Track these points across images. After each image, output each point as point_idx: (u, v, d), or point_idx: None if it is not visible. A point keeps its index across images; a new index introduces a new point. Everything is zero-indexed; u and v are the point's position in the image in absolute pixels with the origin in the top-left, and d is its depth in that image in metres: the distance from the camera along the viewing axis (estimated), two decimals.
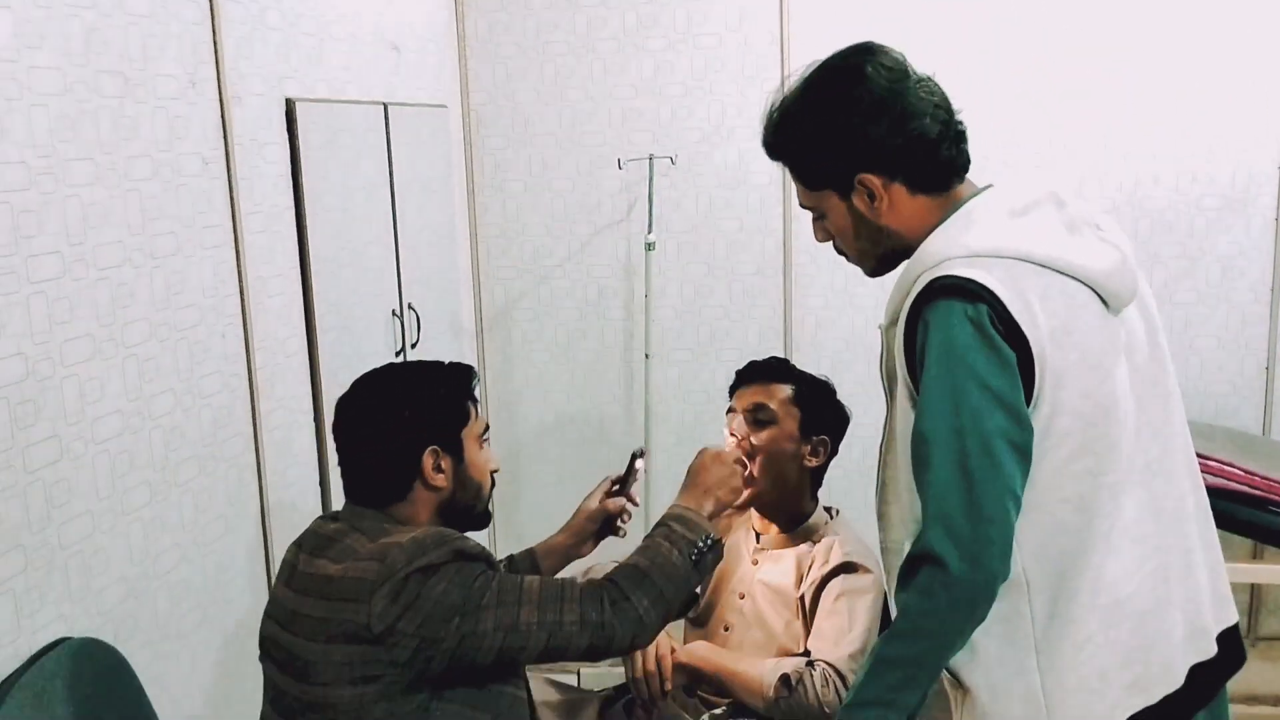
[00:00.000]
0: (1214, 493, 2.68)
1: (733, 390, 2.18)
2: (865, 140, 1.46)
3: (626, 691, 2.07)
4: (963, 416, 1.31)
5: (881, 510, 1.51)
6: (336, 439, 1.65)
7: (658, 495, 3.57)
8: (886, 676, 1.37)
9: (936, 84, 1.54)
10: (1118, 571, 1.40)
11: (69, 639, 1.73)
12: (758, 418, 2.08)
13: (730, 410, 2.13)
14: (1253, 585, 3.37)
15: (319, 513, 2.62)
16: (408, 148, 3.05)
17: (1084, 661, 1.40)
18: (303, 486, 2.55)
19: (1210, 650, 1.49)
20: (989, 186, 1.51)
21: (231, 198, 2.23)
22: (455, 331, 3.50)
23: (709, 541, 1.63)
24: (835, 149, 1.49)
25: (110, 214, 1.87)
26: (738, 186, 3.51)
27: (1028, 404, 1.34)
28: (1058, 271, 1.38)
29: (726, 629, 2.09)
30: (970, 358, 1.32)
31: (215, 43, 2.17)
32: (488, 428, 1.73)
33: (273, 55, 2.40)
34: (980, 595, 1.32)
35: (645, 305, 3.51)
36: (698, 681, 1.96)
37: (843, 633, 1.88)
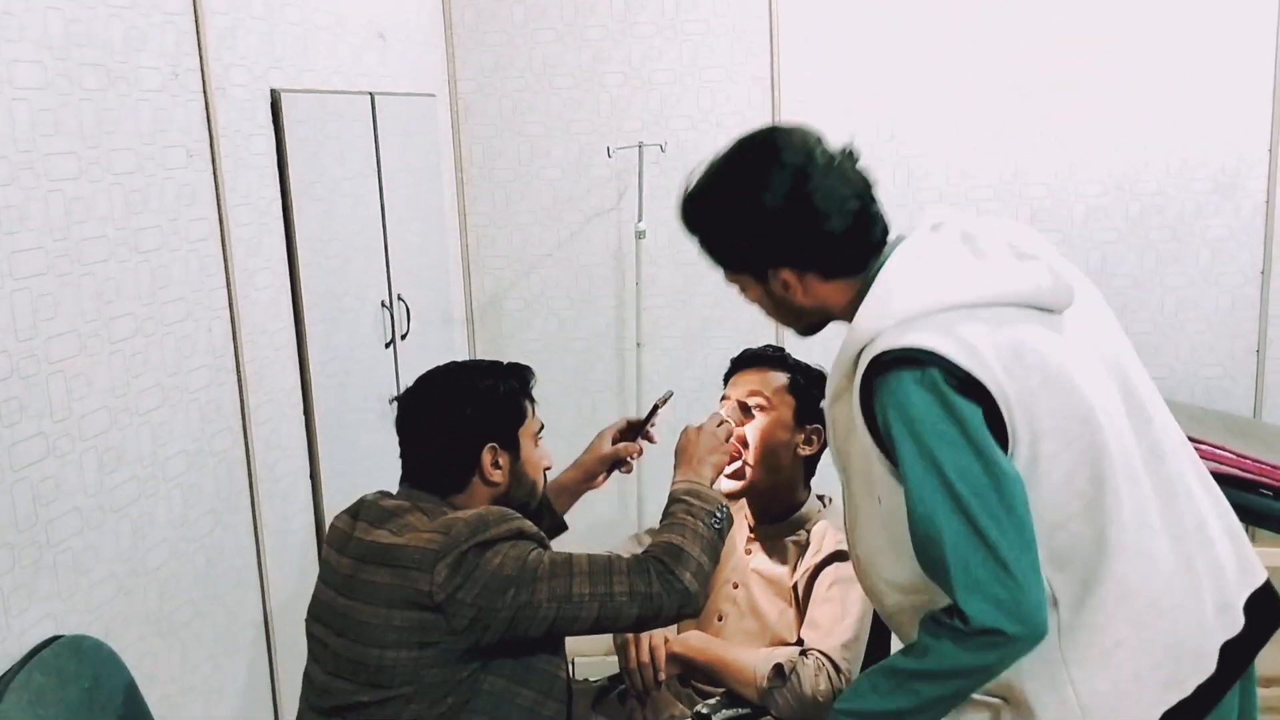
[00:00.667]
0: None
1: (727, 378, 2.18)
2: (774, 243, 1.46)
3: (620, 681, 2.07)
4: (953, 485, 1.30)
5: (867, 585, 1.53)
6: (401, 430, 1.73)
7: (651, 482, 3.57)
8: (912, 707, 1.38)
9: (851, 162, 1.49)
10: (1144, 572, 1.39)
11: (62, 636, 1.72)
12: (752, 405, 2.07)
13: (724, 398, 2.13)
14: None
15: (309, 507, 2.61)
16: (395, 138, 3.03)
17: (1116, 666, 1.39)
18: (292, 480, 2.54)
19: (1238, 624, 1.47)
20: (899, 240, 1.49)
21: (217, 190, 2.21)
22: (445, 321, 3.49)
23: (724, 510, 1.73)
24: (745, 247, 1.50)
25: (94, 208, 1.85)
26: None
27: (1005, 443, 1.33)
28: (988, 305, 1.36)
29: (720, 618, 2.08)
30: (937, 425, 1.31)
31: (198, 34, 2.15)
32: (543, 426, 1.79)
33: (257, 46, 2.38)
34: (1035, 644, 1.32)
35: (636, 294, 3.50)
36: (691, 671, 1.96)
37: (836, 621, 1.88)
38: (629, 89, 3.49)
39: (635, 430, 2.08)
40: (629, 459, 2.06)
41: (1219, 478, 2.66)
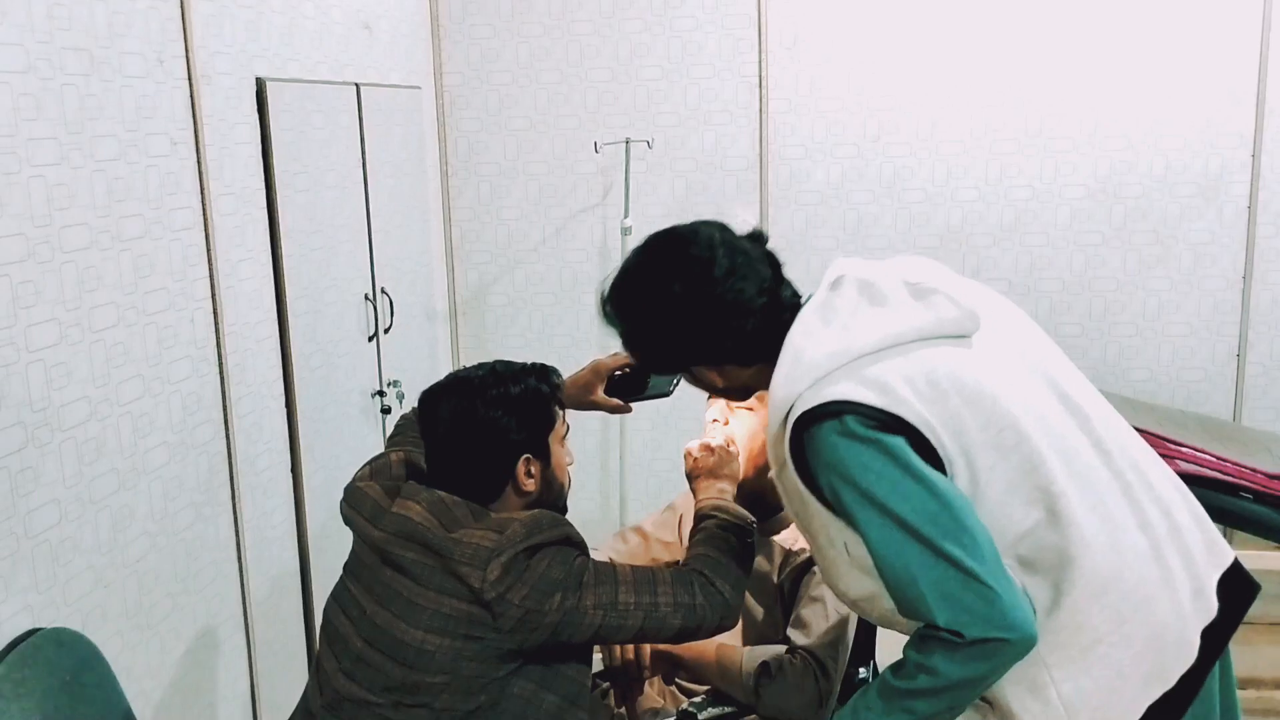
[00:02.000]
0: (1185, 478, 2.70)
1: None
2: (686, 347, 1.51)
3: (605, 679, 2.06)
4: (904, 519, 1.32)
5: (874, 618, 1.52)
6: (429, 438, 1.67)
7: (631, 481, 3.56)
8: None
9: (759, 247, 1.52)
10: (1115, 566, 1.39)
11: (41, 629, 1.69)
12: (738, 405, 2.07)
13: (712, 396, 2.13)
14: None
15: (291, 500, 2.59)
16: (380, 129, 3.01)
17: (1097, 663, 1.40)
18: (274, 474, 2.51)
19: (1213, 609, 1.47)
20: (803, 301, 1.51)
21: (201, 179, 2.19)
22: (429, 316, 3.46)
23: (752, 524, 1.74)
24: (661, 351, 1.55)
25: (75, 195, 1.82)
26: (714, 171, 3.49)
27: (942, 467, 1.36)
28: (891, 347, 1.39)
29: None
30: (870, 467, 1.34)
31: (183, 20, 2.12)
32: (569, 428, 1.76)
33: (242, 33, 2.35)
34: (1028, 646, 1.33)
35: None
36: (676, 669, 1.95)
37: (822, 621, 1.88)
38: (616, 84, 3.48)
39: (626, 390, 2.00)
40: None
41: (1200, 480, 2.70)
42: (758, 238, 1.53)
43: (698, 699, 1.89)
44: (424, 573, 1.54)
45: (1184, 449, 2.73)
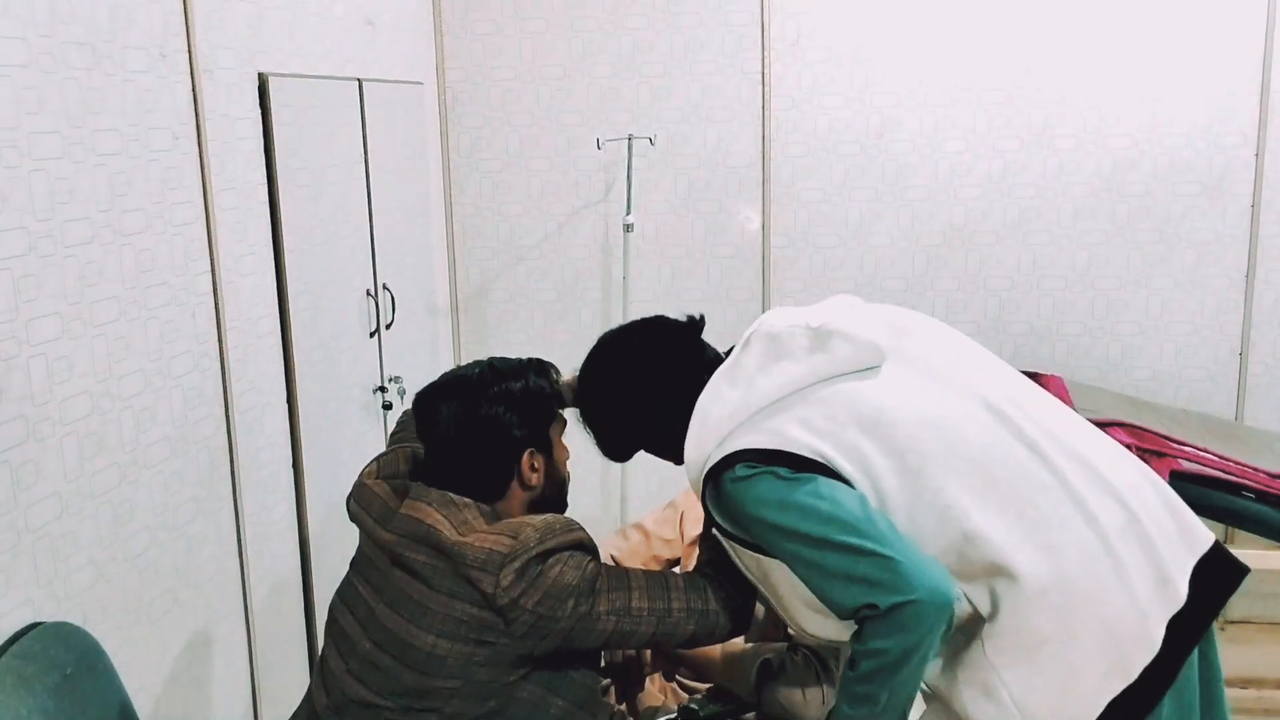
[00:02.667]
0: (1187, 477, 2.71)
1: None
2: (633, 440, 1.69)
3: (605, 675, 2.06)
4: (802, 530, 1.39)
5: (790, 617, 1.59)
6: (428, 438, 1.66)
7: (633, 478, 3.56)
8: (879, 709, 1.40)
9: (691, 337, 1.67)
10: (1053, 566, 1.41)
11: (42, 623, 1.69)
12: None
13: None
14: None
15: (292, 496, 2.59)
16: (382, 125, 3.00)
17: (1046, 663, 1.41)
18: (275, 469, 2.51)
19: (1180, 597, 1.46)
20: (715, 363, 1.60)
21: (203, 174, 2.18)
22: (430, 312, 3.46)
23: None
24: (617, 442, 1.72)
25: (77, 189, 1.82)
26: (716, 168, 3.49)
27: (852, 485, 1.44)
28: (790, 394, 1.48)
29: None
30: (761, 498, 1.43)
31: (186, 15, 2.12)
32: (565, 422, 1.76)
33: (245, 28, 2.35)
34: (944, 604, 1.35)
35: (623, 287, 3.48)
36: (678, 666, 1.95)
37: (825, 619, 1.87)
38: (619, 81, 3.47)
39: None
40: None
41: (1202, 479, 2.70)
42: (698, 323, 1.68)
43: (699, 696, 1.89)
44: (435, 576, 1.52)
45: (1186, 448, 2.73)
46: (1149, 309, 3.41)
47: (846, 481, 1.43)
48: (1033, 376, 2.95)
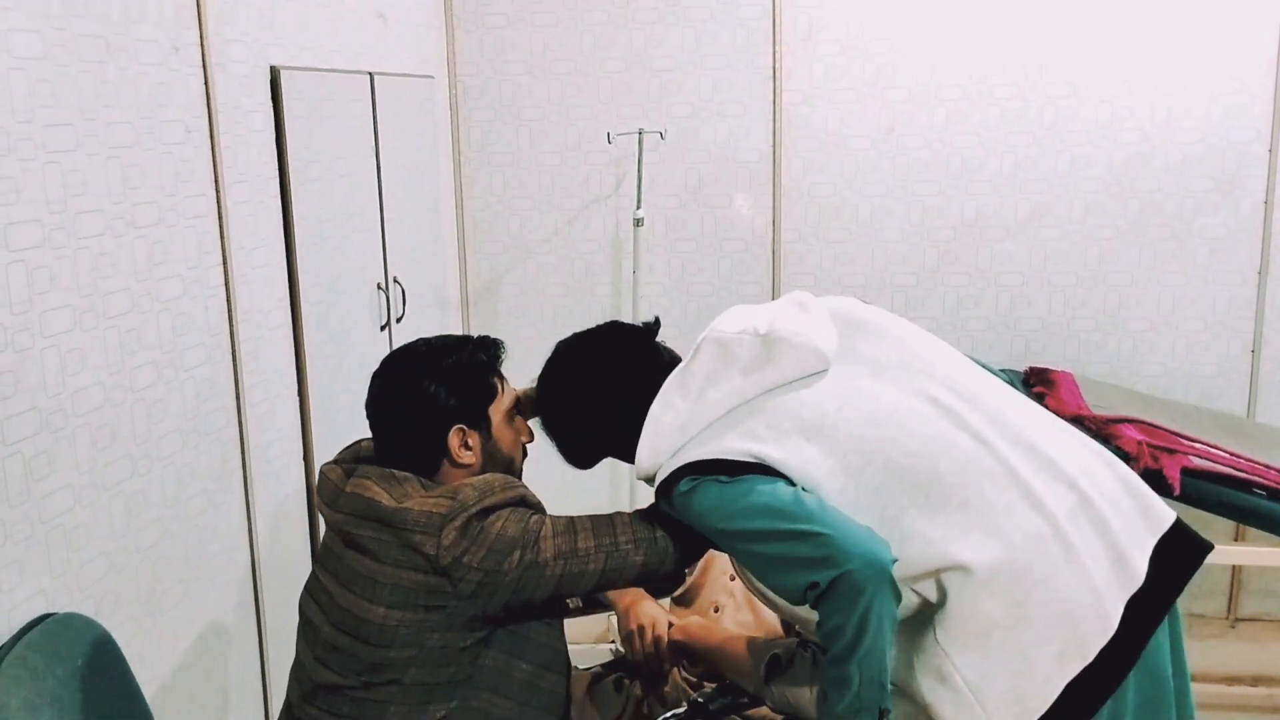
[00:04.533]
0: (1199, 474, 2.70)
1: None
2: (596, 439, 1.72)
3: (614, 669, 2.07)
4: (746, 528, 1.44)
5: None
6: (369, 415, 1.69)
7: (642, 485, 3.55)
8: (845, 694, 1.41)
9: (646, 342, 1.73)
10: (998, 551, 1.43)
11: (55, 614, 1.70)
12: None
13: None
14: (1234, 566, 3.39)
15: (303, 488, 2.60)
16: (394, 119, 3.00)
17: (998, 647, 1.42)
18: (286, 461, 2.52)
19: (1138, 577, 1.48)
20: (671, 366, 1.64)
21: (215, 167, 2.19)
22: (441, 306, 3.47)
23: None
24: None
25: (90, 181, 1.83)
26: (727, 162, 3.48)
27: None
28: (740, 405, 1.52)
29: (716, 610, 2.08)
30: (715, 508, 1.46)
31: (198, 8, 2.12)
32: (518, 400, 1.75)
33: (257, 22, 2.35)
34: (878, 569, 1.37)
35: (633, 281, 3.49)
36: (691, 660, 1.95)
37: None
38: (630, 75, 3.47)
39: None
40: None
41: (1213, 476, 2.69)
42: (652, 329, 1.75)
43: (708, 690, 1.89)
44: (381, 549, 1.53)
45: (1197, 445, 2.72)
46: (1160, 305, 3.40)
47: (787, 479, 1.46)
48: (1042, 372, 2.97)
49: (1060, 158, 3.35)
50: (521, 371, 2.90)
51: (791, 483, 1.46)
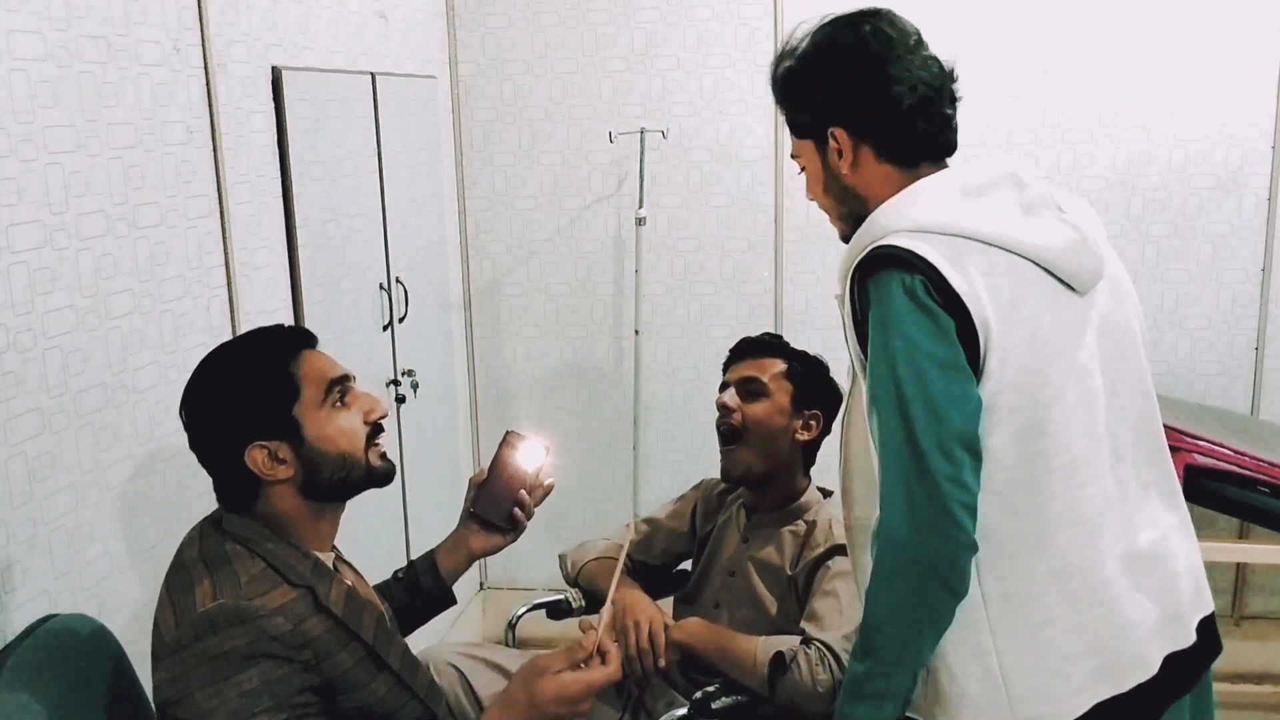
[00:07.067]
0: (1203, 472, 2.70)
1: (726, 366, 2.18)
2: (840, 94, 1.48)
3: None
4: (903, 382, 1.30)
5: (845, 486, 1.50)
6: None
7: (646, 467, 3.56)
8: (867, 670, 1.38)
9: (939, 65, 1.52)
10: (1087, 557, 1.39)
11: (57, 615, 1.70)
12: (749, 389, 2.08)
13: (724, 385, 2.14)
14: (1239, 564, 3.38)
15: None
16: (396, 119, 3.01)
17: (1044, 643, 1.38)
18: None
19: (1188, 639, 1.47)
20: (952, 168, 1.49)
21: (217, 167, 2.19)
22: (443, 305, 3.47)
23: None
24: (814, 97, 1.51)
25: (92, 182, 1.83)
26: (729, 161, 3.48)
27: (975, 374, 1.33)
28: (1005, 250, 1.37)
29: (717, 606, 2.08)
30: (905, 325, 1.32)
31: (199, 8, 2.13)
32: (336, 381, 1.50)
33: (258, 22, 2.36)
34: (938, 561, 1.31)
35: (635, 281, 3.48)
36: (690, 658, 1.95)
37: (837, 613, 1.87)
38: (631, 74, 3.47)
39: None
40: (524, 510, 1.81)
41: (1217, 474, 2.69)
42: (951, 74, 1.56)
43: (711, 687, 1.89)
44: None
45: (1202, 442, 2.72)
46: (1164, 303, 3.39)
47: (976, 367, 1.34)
48: None
49: (1062, 156, 3.34)
50: (524, 370, 2.96)
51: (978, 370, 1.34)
